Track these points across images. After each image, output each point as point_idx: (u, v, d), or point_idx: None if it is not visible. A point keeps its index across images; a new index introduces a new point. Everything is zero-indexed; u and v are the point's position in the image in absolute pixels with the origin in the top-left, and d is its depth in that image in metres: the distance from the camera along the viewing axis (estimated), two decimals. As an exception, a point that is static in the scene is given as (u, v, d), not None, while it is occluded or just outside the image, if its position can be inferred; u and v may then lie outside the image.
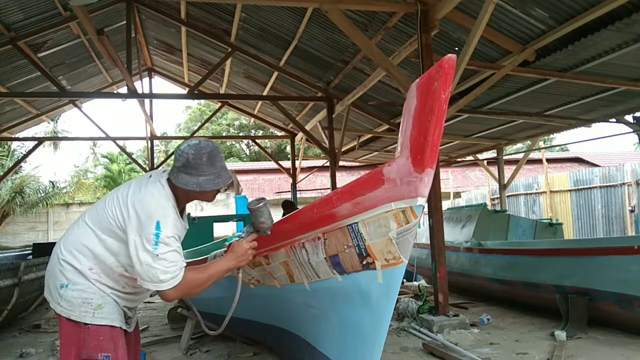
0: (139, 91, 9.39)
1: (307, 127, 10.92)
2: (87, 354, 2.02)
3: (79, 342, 2.03)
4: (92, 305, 2.03)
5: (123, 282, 2.11)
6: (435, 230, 5.39)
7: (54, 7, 7.26)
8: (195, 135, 14.56)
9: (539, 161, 18.03)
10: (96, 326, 2.03)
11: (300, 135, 12.32)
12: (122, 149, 13.53)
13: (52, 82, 8.72)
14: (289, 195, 14.74)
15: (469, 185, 19.77)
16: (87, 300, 2.03)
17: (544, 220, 8.77)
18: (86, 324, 2.02)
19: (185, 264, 2.00)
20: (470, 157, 12.98)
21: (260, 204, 2.15)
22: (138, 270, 1.93)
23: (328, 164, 10.11)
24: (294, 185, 13.29)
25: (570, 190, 12.47)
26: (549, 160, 18.63)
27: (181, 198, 2.10)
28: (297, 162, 13.20)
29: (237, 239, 2.24)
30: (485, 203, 13.25)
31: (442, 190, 5.97)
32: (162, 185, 2.05)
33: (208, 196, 2.14)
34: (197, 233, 7.64)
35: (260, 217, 2.16)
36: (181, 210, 2.16)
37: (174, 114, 65.59)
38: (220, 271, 2.07)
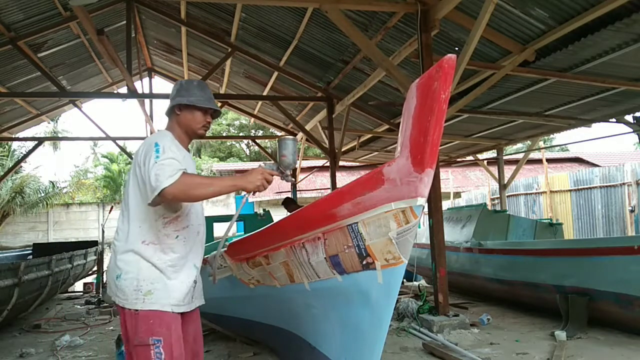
0: (139, 91, 9.39)
1: (307, 127, 10.92)
2: (139, 339, 2.07)
3: (132, 329, 2.10)
4: (142, 292, 2.09)
5: (172, 232, 2.16)
6: (435, 230, 5.39)
7: (54, 7, 7.26)
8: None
9: (539, 161, 18.03)
10: (145, 311, 2.08)
11: (300, 135, 12.32)
12: (122, 149, 13.52)
13: (52, 82, 8.72)
14: (288, 195, 14.72)
15: (469, 185, 19.76)
16: (137, 288, 2.09)
17: (544, 220, 8.76)
18: (136, 310, 2.08)
19: (186, 170, 2.06)
20: (470, 157, 12.97)
21: (288, 138, 2.18)
22: (147, 183, 2.00)
23: (328, 164, 10.11)
24: (294, 185, 13.28)
25: (570, 190, 12.46)
26: (549, 160, 18.63)
27: (179, 138, 2.28)
28: (297, 162, 13.19)
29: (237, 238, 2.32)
30: (485, 203, 13.24)
31: (442, 190, 5.97)
32: (157, 130, 2.29)
33: (198, 120, 2.28)
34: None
35: (284, 149, 2.16)
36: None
37: (174, 114, 65.45)
38: (226, 184, 2.08)
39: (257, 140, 17.72)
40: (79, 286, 9.47)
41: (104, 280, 8.42)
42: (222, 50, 9.28)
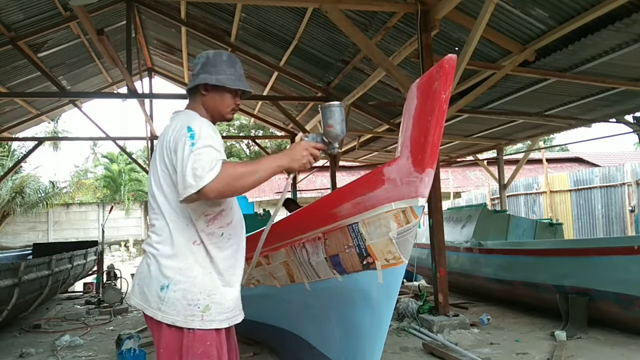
0: (139, 91, 9.38)
1: (307, 127, 10.92)
2: None
3: (181, 349, 1.80)
4: (199, 307, 1.79)
5: (216, 230, 1.86)
6: (435, 230, 5.39)
7: (54, 7, 7.26)
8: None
9: (539, 161, 18.03)
10: (203, 331, 1.80)
11: (300, 135, 12.31)
12: (122, 149, 13.52)
13: (52, 82, 8.72)
14: (288, 196, 14.73)
15: (469, 185, 19.76)
16: (192, 302, 1.79)
17: (544, 220, 8.76)
18: (192, 329, 1.79)
19: (225, 158, 1.77)
20: (470, 157, 12.97)
21: (334, 103, 1.88)
22: (180, 178, 1.70)
23: (328, 164, 10.11)
24: (294, 185, 13.28)
25: (570, 190, 12.46)
26: (549, 160, 18.62)
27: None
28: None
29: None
30: (485, 203, 13.24)
31: (442, 190, 5.98)
32: (182, 111, 1.98)
33: (227, 103, 1.96)
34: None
35: (329, 119, 1.86)
36: None
37: (174, 114, 65.53)
38: (270, 167, 1.76)
39: (257, 140, 17.73)
40: (79, 286, 9.46)
41: (104, 280, 8.41)
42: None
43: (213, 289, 1.82)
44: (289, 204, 7.40)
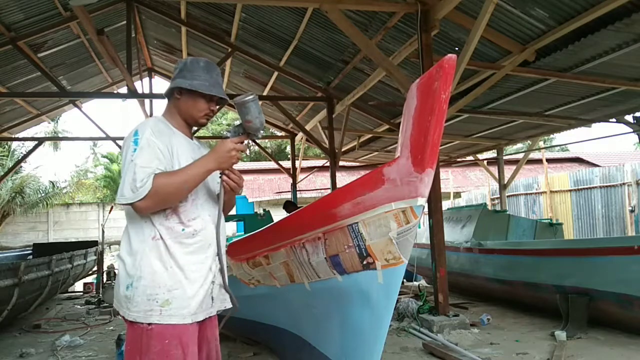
0: (139, 91, 9.39)
1: (307, 127, 10.92)
2: None
3: (141, 348, 1.75)
4: (157, 302, 1.76)
5: (176, 225, 1.84)
6: (435, 230, 5.39)
7: (54, 7, 7.26)
8: (195, 134, 14.53)
9: (539, 161, 18.02)
10: (161, 326, 1.75)
11: (300, 135, 12.32)
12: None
13: (52, 82, 8.72)
14: (289, 195, 14.74)
15: (469, 185, 19.76)
16: (151, 297, 1.76)
17: (544, 220, 8.76)
18: (150, 324, 1.75)
19: (158, 169, 1.77)
20: (470, 157, 12.97)
21: (247, 98, 1.83)
22: (120, 183, 1.78)
23: (328, 164, 10.11)
24: (294, 185, 13.28)
25: (570, 190, 12.46)
26: (549, 160, 18.62)
27: (177, 123, 1.99)
28: (297, 162, 13.20)
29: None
30: (485, 203, 13.24)
31: (442, 190, 5.98)
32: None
33: (200, 108, 1.96)
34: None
35: (246, 115, 1.85)
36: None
37: (174, 114, 65.50)
38: (198, 173, 1.80)
39: (257, 140, 17.74)
40: (79, 286, 9.47)
41: (104, 280, 8.41)
42: (222, 50, 9.28)
43: (174, 284, 1.79)
44: (288, 206, 7.42)
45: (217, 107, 2.08)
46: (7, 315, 5.10)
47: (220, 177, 1.93)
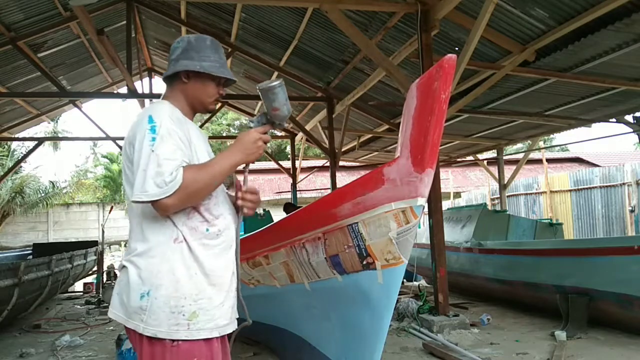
0: (139, 91, 9.39)
1: (307, 127, 10.92)
2: None
3: None
4: (184, 315, 1.55)
5: (200, 223, 1.65)
6: (435, 230, 5.39)
7: (54, 7, 7.26)
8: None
9: (539, 161, 18.02)
10: (189, 342, 1.56)
11: (300, 135, 12.31)
12: (122, 149, 13.51)
13: (52, 82, 8.72)
14: (288, 196, 14.74)
15: (469, 185, 19.77)
16: (176, 309, 1.55)
17: (544, 220, 8.76)
18: (176, 340, 1.55)
19: (183, 162, 1.56)
20: (470, 157, 12.98)
21: (274, 83, 1.70)
22: (139, 178, 1.51)
23: (328, 164, 10.11)
24: (294, 185, 13.28)
25: (570, 190, 12.46)
26: (549, 160, 18.63)
27: (183, 110, 1.77)
28: (297, 162, 13.20)
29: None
30: (485, 203, 13.24)
31: (442, 190, 5.97)
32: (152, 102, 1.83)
33: (210, 92, 1.78)
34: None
35: (273, 102, 1.71)
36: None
37: (174, 114, 65.49)
38: (226, 167, 1.62)
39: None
40: (79, 286, 9.47)
41: (104, 280, 8.41)
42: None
43: (199, 292, 1.59)
44: (288, 208, 7.41)
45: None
46: (7, 315, 5.10)
47: (243, 169, 1.78)
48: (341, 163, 11.02)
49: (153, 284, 1.56)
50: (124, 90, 10.94)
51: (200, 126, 15.83)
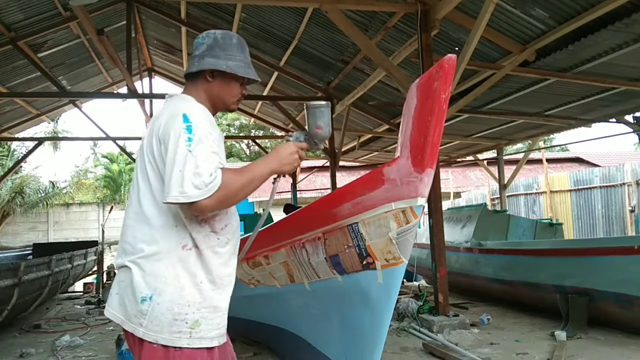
0: (139, 91, 9.38)
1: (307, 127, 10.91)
2: None
3: None
4: (187, 323, 1.54)
5: (210, 233, 1.63)
6: (435, 230, 5.39)
7: (54, 7, 7.25)
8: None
9: (539, 161, 18.02)
10: (191, 350, 1.55)
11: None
12: (122, 149, 13.51)
13: (52, 82, 8.72)
14: (288, 196, 14.73)
15: (469, 185, 19.76)
16: (179, 316, 1.54)
17: (544, 220, 8.76)
18: (179, 348, 1.54)
19: (220, 164, 1.54)
20: (470, 157, 12.98)
21: (323, 103, 1.77)
22: (176, 179, 1.47)
23: (328, 164, 10.11)
24: (294, 185, 13.28)
25: (570, 190, 12.46)
26: (549, 160, 18.62)
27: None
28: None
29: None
30: (485, 203, 13.24)
31: (442, 190, 5.98)
32: (178, 95, 1.74)
33: (234, 92, 1.76)
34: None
35: (318, 120, 1.75)
36: None
37: (174, 114, 65.44)
38: (262, 175, 1.61)
39: (257, 140, 17.74)
40: (79, 286, 9.46)
41: (104, 280, 8.41)
42: (222, 50, 9.26)
43: (204, 301, 1.58)
44: (288, 209, 7.41)
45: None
46: (7, 315, 5.10)
47: (273, 181, 1.81)
48: (341, 163, 11.04)
49: (156, 288, 1.54)
50: (124, 90, 10.93)
51: (200, 126, 15.83)
